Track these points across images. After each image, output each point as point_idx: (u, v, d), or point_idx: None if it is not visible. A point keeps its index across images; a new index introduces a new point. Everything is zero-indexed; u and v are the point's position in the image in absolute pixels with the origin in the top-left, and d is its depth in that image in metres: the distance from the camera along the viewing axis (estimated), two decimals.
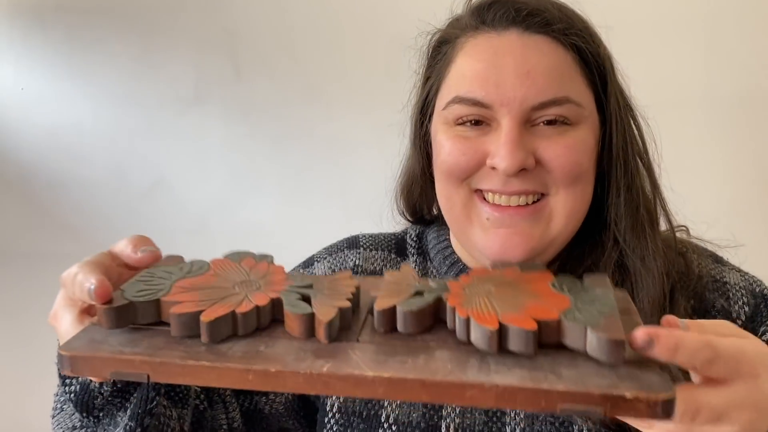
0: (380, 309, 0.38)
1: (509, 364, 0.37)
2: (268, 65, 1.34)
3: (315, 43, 1.30)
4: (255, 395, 0.66)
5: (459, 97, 0.59)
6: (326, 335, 0.37)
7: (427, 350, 0.38)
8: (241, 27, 1.34)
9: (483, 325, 0.36)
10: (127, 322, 0.39)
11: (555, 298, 0.38)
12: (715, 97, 1.15)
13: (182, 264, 0.45)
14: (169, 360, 0.37)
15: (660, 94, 1.14)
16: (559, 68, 0.58)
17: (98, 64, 1.38)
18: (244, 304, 0.39)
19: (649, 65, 1.15)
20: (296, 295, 0.40)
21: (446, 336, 0.39)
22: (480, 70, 0.58)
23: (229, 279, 0.43)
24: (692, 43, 1.14)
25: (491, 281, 0.42)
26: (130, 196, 1.42)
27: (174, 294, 0.40)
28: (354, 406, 0.63)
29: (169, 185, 1.41)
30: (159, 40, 1.36)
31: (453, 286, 0.41)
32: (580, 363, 0.36)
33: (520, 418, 0.59)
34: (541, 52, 0.58)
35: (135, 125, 1.40)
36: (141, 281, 0.42)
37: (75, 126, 1.40)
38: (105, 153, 1.41)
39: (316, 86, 1.32)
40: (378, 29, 1.27)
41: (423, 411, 0.61)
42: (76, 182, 1.42)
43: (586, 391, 0.34)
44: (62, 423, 0.56)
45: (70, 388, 0.53)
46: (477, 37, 0.61)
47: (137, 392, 0.53)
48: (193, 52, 1.36)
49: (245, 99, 1.36)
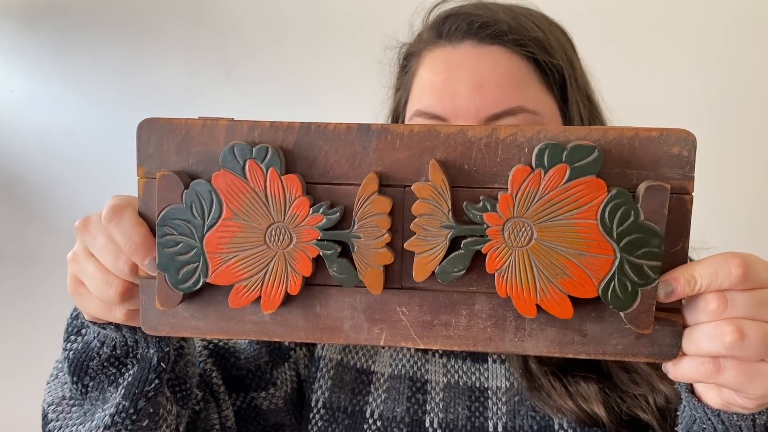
0: (419, 280, 0.41)
1: (543, 322, 0.40)
2: (259, 66, 1.35)
3: (305, 45, 1.32)
4: (252, 392, 0.66)
5: (420, 111, 0.61)
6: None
7: (468, 303, 0.41)
8: (231, 28, 1.35)
9: (522, 314, 0.39)
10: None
11: (600, 249, 0.38)
12: (698, 98, 1.20)
13: (189, 202, 0.41)
14: (243, 332, 0.43)
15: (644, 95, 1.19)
16: (513, 78, 0.60)
17: (88, 65, 1.38)
18: (292, 281, 0.41)
19: (628, 66, 1.19)
20: (335, 250, 0.40)
21: (485, 276, 0.40)
22: (436, 83, 0.61)
23: (253, 225, 0.40)
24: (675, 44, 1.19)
25: (532, 212, 0.38)
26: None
27: (214, 267, 0.41)
28: (339, 401, 0.65)
29: None
30: (149, 41, 1.37)
31: (492, 220, 0.39)
32: (607, 316, 0.40)
33: (502, 413, 0.62)
34: (494, 63, 0.60)
35: (125, 127, 1.39)
36: (169, 251, 0.41)
37: (65, 128, 1.40)
38: (95, 155, 1.40)
39: (307, 87, 1.34)
40: (369, 29, 1.29)
41: (407, 406, 0.63)
42: (66, 184, 1.41)
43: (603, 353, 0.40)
44: (53, 390, 0.55)
45: (72, 346, 0.52)
46: (435, 51, 0.63)
47: (135, 370, 0.50)
48: (183, 53, 1.36)
49: (236, 100, 1.37)
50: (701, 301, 0.38)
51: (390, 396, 0.64)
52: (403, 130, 0.40)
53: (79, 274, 0.45)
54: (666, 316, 0.40)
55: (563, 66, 0.63)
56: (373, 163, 0.41)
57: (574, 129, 0.39)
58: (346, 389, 0.65)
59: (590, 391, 0.59)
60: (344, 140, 0.41)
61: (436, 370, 0.65)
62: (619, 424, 0.59)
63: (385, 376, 0.66)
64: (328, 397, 0.65)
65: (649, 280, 0.38)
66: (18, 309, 1.44)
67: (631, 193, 0.38)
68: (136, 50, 1.37)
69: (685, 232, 0.39)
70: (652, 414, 0.58)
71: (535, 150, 0.38)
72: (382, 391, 0.65)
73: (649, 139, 0.39)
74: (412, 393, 0.64)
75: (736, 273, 0.37)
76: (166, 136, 0.42)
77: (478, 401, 0.63)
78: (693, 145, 0.38)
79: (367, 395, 0.64)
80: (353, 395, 0.65)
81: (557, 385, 0.60)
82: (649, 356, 0.40)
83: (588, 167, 0.37)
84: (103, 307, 0.45)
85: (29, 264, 1.42)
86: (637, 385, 0.60)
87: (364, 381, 0.66)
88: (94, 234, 0.44)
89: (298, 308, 0.43)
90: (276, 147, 0.40)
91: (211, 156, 0.42)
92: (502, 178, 0.40)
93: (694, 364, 0.39)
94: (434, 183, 0.39)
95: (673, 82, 1.18)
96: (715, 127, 1.19)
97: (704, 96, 1.19)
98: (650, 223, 0.37)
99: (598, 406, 0.59)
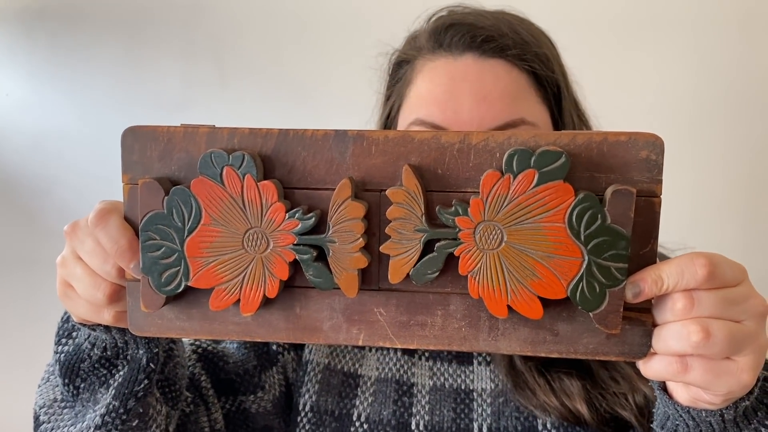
0: (394, 282, 0.42)
1: (516, 322, 0.41)
2: (254, 71, 1.36)
3: (301, 50, 1.33)
4: (240, 395, 0.66)
5: (420, 120, 0.62)
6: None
7: (443, 303, 0.42)
8: (227, 33, 1.36)
9: (494, 314, 0.41)
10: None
11: (568, 251, 0.39)
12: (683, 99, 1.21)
13: (170, 208, 0.42)
14: (226, 333, 0.44)
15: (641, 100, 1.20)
16: (514, 91, 0.61)
17: (83, 69, 1.39)
18: (270, 284, 0.42)
19: (616, 68, 1.20)
20: (311, 254, 0.41)
21: (459, 278, 0.41)
22: (438, 95, 0.62)
23: (231, 230, 0.41)
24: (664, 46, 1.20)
25: (502, 215, 0.39)
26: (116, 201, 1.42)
27: (195, 270, 0.42)
28: (326, 405, 0.66)
29: None
30: (144, 45, 1.38)
31: (463, 224, 0.40)
32: (577, 316, 0.41)
33: (486, 414, 0.63)
34: (496, 77, 0.61)
35: (121, 130, 1.40)
36: (152, 256, 0.42)
37: (60, 132, 1.41)
38: (90, 159, 1.41)
39: (302, 92, 1.35)
40: (365, 35, 1.30)
41: (394, 409, 0.64)
42: (62, 188, 1.42)
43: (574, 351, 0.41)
44: (44, 393, 0.56)
45: (63, 348, 0.53)
46: (434, 61, 0.64)
47: (125, 371, 0.51)
48: (178, 58, 1.37)
49: (231, 104, 1.38)
50: (669, 300, 0.39)
51: (377, 399, 0.65)
52: (379, 135, 0.41)
53: (68, 277, 0.46)
54: (636, 316, 0.41)
55: (559, 79, 0.65)
56: (350, 169, 0.42)
57: (544, 134, 0.40)
58: (333, 392, 0.66)
59: (573, 388, 0.60)
60: (321, 146, 0.42)
61: (422, 373, 0.66)
62: (600, 421, 0.60)
63: (371, 380, 0.67)
64: (315, 400, 0.66)
65: (617, 282, 0.39)
66: (14, 312, 1.45)
67: (600, 196, 0.39)
68: (131, 54, 1.38)
69: (654, 234, 0.40)
70: (632, 412, 0.59)
71: (505, 156, 0.39)
72: (369, 394, 0.66)
73: (618, 143, 0.39)
74: (398, 396, 0.65)
75: (702, 273, 0.38)
76: (150, 143, 0.43)
77: (463, 403, 0.64)
78: (661, 149, 0.39)
79: (354, 398, 0.65)
80: (340, 398, 0.66)
81: (541, 381, 0.61)
82: (620, 355, 0.41)
83: (555, 172, 0.38)
84: (92, 310, 0.46)
85: (25, 267, 1.43)
86: (618, 383, 0.61)
87: (351, 384, 0.66)
88: (81, 238, 0.45)
89: (279, 309, 0.44)
90: (254, 153, 0.41)
91: (193, 162, 0.43)
92: (475, 183, 0.41)
93: (663, 363, 0.40)
94: (407, 188, 0.40)
95: (662, 84, 1.19)
96: (700, 128, 1.20)
97: (692, 97, 1.20)
98: (617, 226, 0.38)
99: (581, 403, 0.60)
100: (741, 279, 0.40)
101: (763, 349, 0.40)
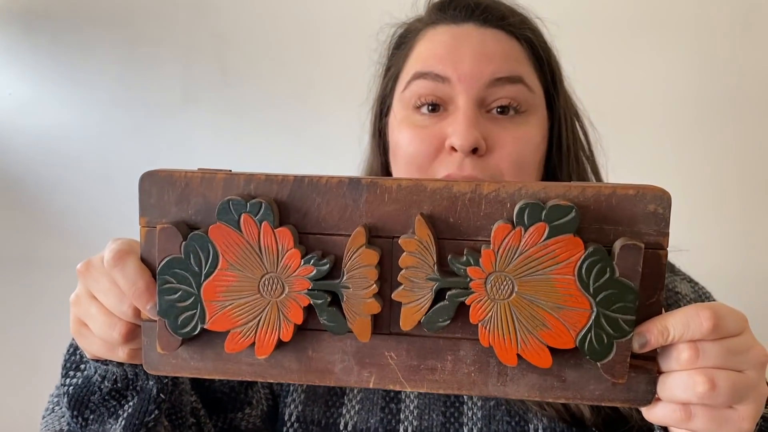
0: (406, 329, 0.43)
1: (524, 368, 0.43)
2: (256, 68, 1.36)
3: (302, 46, 1.33)
4: (230, 413, 0.66)
5: (419, 73, 0.62)
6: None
7: (453, 349, 0.43)
8: (228, 31, 1.35)
9: (503, 362, 0.42)
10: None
11: (578, 303, 0.40)
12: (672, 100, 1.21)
13: (188, 253, 0.42)
14: (239, 374, 0.45)
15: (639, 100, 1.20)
16: (514, 54, 0.63)
17: (86, 68, 1.38)
18: (285, 328, 0.43)
19: (616, 66, 1.21)
20: (325, 299, 0.42)
21: (470, 324, 0.42)
22: (439, 50, 0.62)
23: (248, 275, 0.42)
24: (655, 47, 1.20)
25: (513, 267, 0.40)
26: (118, 200, 1.43)
27: (211, 314, 0.43)
28: (312, 414, 0.65)
29: None
30: (146, 44, 1.37)
31: (475, 274, 0.40)
32: (584, 364, 0.42)
33: (477, 418, 0.62)
34: (497, 41, 0.62)
35: (123, 129, 1.41)
36: (169, 299, 0.43)
37: (63, 130, 1.41)
38: (93, 157, 1.41)
39: (304, 88, 1.34)
40: (365, 31, 1.30)
41: (381, 416, 0.64)
42: (65, 187, 1.43)
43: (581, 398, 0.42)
44: (50, 425, 0.56)
45: (71, 381, 0.53)
46: (437, 27, 0.65)
47: (135, 401, 0.52)
48: (180, 56, 1.37)
49: (233, 102, 1.38)
50: (674, 350, 0.40)
51: (364, 407, 0.65)
52: (392, 184, 0.42)
53: (82, 315, 0.47)
54: (642, 364, 0.42)
55: (556, 62, 0.66)
56: (363, 215, 0.43)
57: (553, 186, 0.41)
58: (319, 402, 0.66)
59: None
60: (336, 193, 0.43)
61: None
62: (602, 422, 0.60)
63: (358, 388, 0.67)
64: (301, 410, 0.65)
65: (624, 333, 0.40)
66: (16, 311, 1.46)
67: (608, 248, 0.40)
68: (133, 53, 1.38)
69: (660, 285, 0.41)
70: (632, 410, 0.60)
71: (516, 209, 0.40)
72: (355, 402, 0.65)
73: (626, 197, 0.40)
74: (385, 403, 0.65)
75: (707, 325, 0.39)
76: (167, 187, 0.44)
77: (453, 407, 0.64)
78: (668, 203, 0.40)
79: (341, 407, 0.65)
80: (327, 408, 0.65)
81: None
82: (625, 402, 0.42)
83: (566, 226, 0.39)
84: (107, 347, 0.47)
85: (27, 266, 1.44)
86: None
87: (337, 393, 0.66)
88: (96, 277, 0.46)
89: (291, 352, 0.45)
90: (270, 200, 0.42)
91: (210, 207, 0.43)
92: (486, 232, 0.41)
93: (667, 410, 0.41)
94: (420, 237, 0.41)
95: (662, 85, 1.20)
96: (702, 127, 1.20)
97: (694, 96, 1.20)
98: (625, 279, 0.39)
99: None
100: (743, 328, 0.41)
101: (762, 398, 0.41)
